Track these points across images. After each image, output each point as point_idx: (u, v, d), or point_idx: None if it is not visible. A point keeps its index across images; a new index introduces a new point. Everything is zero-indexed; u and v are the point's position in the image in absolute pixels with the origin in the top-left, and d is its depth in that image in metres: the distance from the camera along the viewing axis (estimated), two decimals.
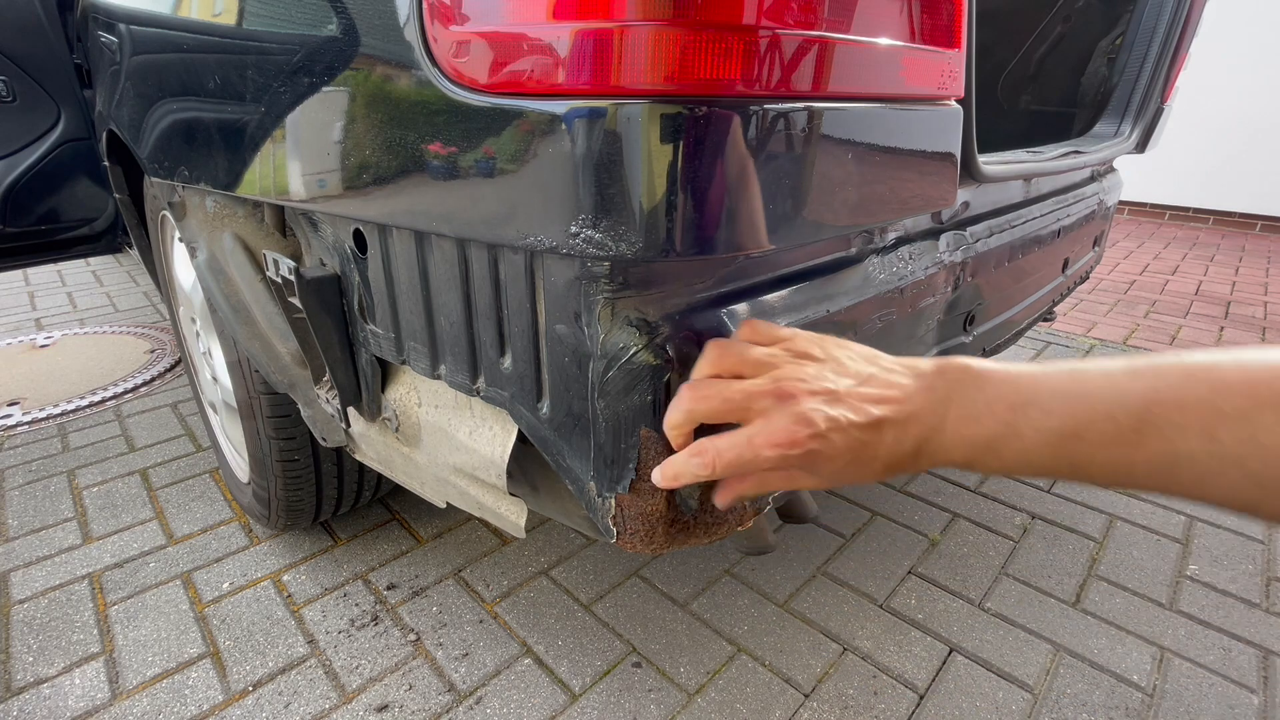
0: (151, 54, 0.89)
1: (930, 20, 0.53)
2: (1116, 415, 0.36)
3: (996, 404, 0.40)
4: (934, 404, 0.42)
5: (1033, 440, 0.39)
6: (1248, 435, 0.33)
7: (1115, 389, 0.37)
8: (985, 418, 0.41)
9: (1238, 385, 0.34)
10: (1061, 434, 0.38)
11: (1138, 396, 0.36)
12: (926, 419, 0.42)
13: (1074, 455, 0.38)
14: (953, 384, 0.42)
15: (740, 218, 0.44)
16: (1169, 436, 0.35)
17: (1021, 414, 0.39)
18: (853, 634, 1.09)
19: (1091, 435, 0.37)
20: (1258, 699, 0.99)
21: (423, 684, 0.99)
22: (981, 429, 0.41)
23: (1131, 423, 0.36)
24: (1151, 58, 1.32)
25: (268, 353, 0.88)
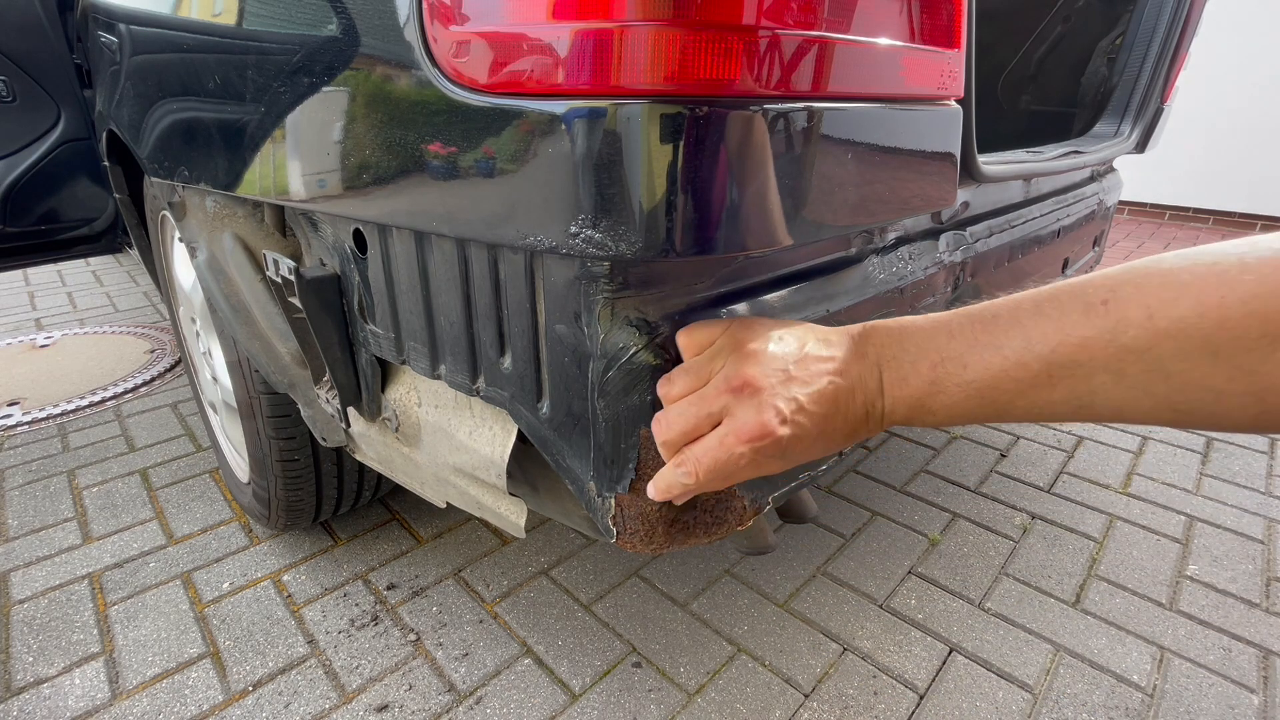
0: (151, 54, 0.89)
1: (930, 20, 0.53)
2: (1027, 362, 0.38)
3: (920, 363, 0.43)
4: (868, 369, 0.45)
5: (956, 394, 0.41)
6: (1153, 366, 0.34)
7: (1024, 335, 0.39)
8: (912, 378, 0.43)
9: (1135, 315, 0.35)
10: (980, 386, 0.40)
11: (1043, 340, 0.38)
12: (867, 384, 0.45)
13: (995, 402, 0.40)
14: (880, 348, 0.45)
15: (740, 218, 0.44)
16: (1079, 376, 0.37)
17: (942, 370, 0.41)
18: (853, 634, 1.09)
19: (1007, 384, 0.39)
20: (1258, 699, 0.99)
21: (423, 684, 0.99)
22: (910, 389, 0.43)
23: (1042, 367, 0.38)
24: (1151, 58, 1.32)
25: (268, 353, 0.88)
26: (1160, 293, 0.34)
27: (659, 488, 0.49)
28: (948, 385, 0.41)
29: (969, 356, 0.40)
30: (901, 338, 0.44)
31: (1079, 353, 0.36)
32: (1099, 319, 0.36)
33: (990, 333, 0.40)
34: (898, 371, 0.44)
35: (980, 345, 0.40)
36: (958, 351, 0.41)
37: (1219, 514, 1.42)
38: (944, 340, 0.42)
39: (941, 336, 0.42)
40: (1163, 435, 1.74)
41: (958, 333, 0.42)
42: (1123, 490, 1.50)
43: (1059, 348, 0.37)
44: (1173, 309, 0.33)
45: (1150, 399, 0.35)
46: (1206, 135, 4.42)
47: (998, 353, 0.39)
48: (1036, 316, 0.38)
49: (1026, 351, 0.38)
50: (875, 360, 0.45)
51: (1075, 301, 0.37)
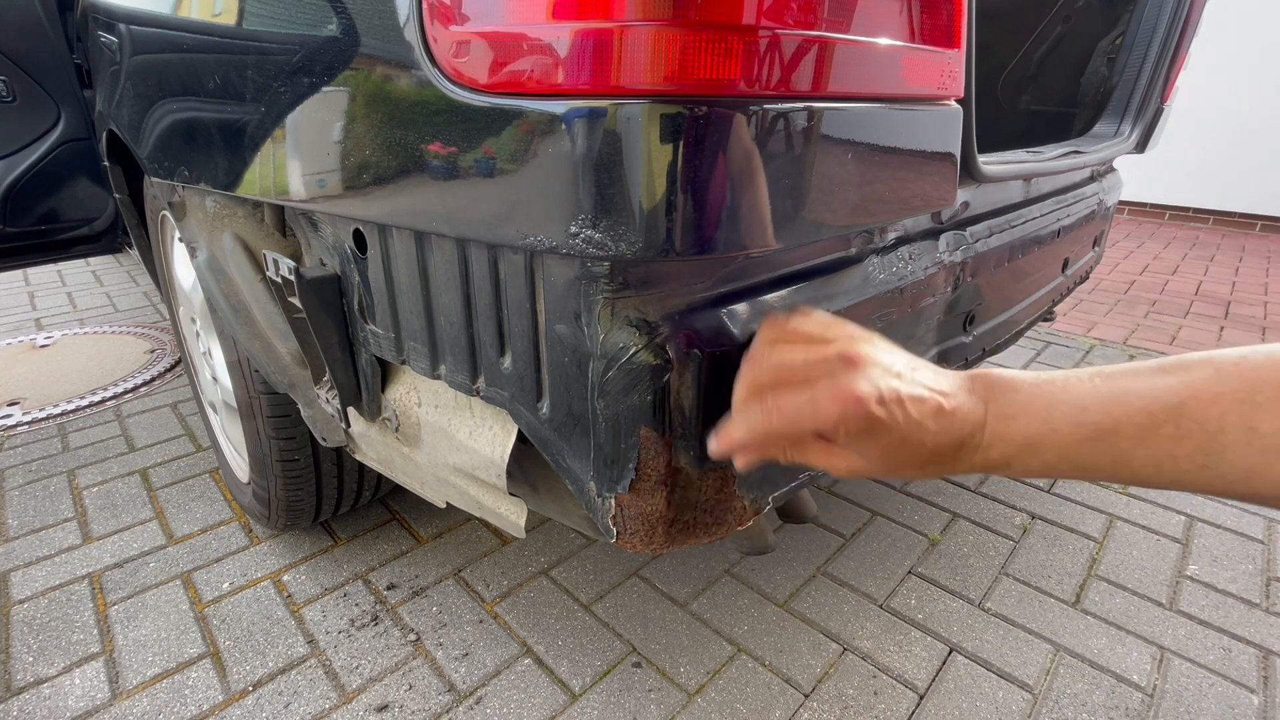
0: (151, 54, 0.89)
1: (930, 20, 0.53)
2: (1152, 409, 0.36)
3: (1034, 402, 0.41)
4: (975, 402, 0.42)
5: (1070, 436, 0.39)
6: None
7: (1148, 385, 0.37)
8: (1022, 416, 0.41)
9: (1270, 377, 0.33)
10: (1099, 429, 0.38)
11: (1170, 392, 0.36)
12: (969, 414, 0.42)
13: (1113, 450, 0.38)
14: (990, 387, 0.43)
15: (740, 218, 0.44)
16: (1208, 430, 0.35)
17: (1057, 410, 0.39)
18: (853, 634, 1.09)
19: (1129, 430, 0.37)
20: (1258, 699, 0.99)
21: (423, 684, 0.99)
22: (1020, 426, 0.41)
23: (1168, 416, 0.36)
24: (1151, 58, 1.32)
25: (268, 353, 0.88)
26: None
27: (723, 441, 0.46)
28: (1062, 426, 0.39)
29: (1087, 399, 0.39)
30: (1013, 382, 0.43)
31: (1210, 408, 0.35)
32: (1233, 378, 0.35)
33: (1111, 382, 0.39)
34: (1007, 409, 0.42)
35: (1100, 392, 0.38)
36: (1074, 395, 0.39)
37: (1219, 514, 1.42)
38: (1059, 385, 0.40)
39: (1057, 382, 0.41)
40: None
41: (1074, 382, 0.40)
42: (1123, 490, 1.50)
43: (1188, 400, 0.35)
44: None
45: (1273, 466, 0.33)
46: (1206, 135, 4.42)
47: (1120, 398, 0.38)
48: (1161, 374, 0.37)
49: (1152, 400, 0.36)
50: (983, 395, 0.43)
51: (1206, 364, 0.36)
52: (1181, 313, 2.76)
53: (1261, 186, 4.31)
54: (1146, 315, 2.72)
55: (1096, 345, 2.39)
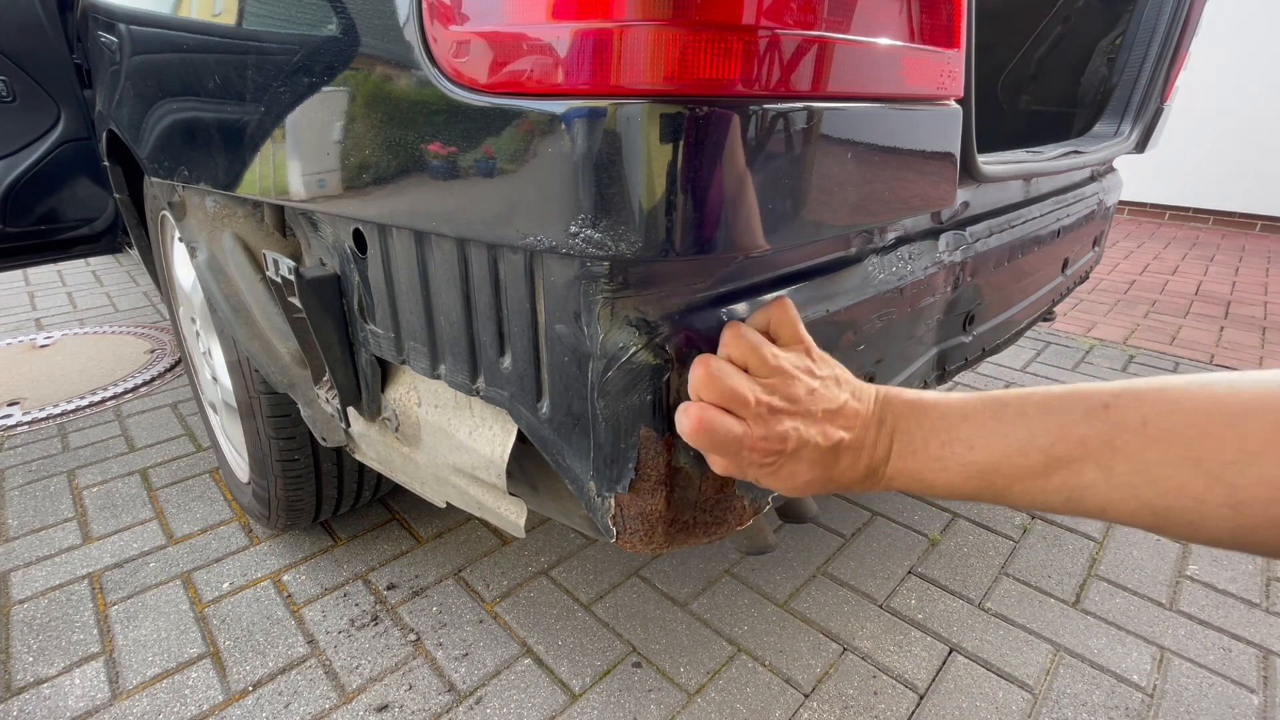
0: (151, 54, 0.89)
1: (930, 20, 0.53)
2: (1028, 452, 0.42)
3: (931, 440, 0.46)
4: (881, 436, 0.48)
5: (958, 474, 0.45)
6: (1140, 469, 0.38)
7: (1028, 428, 0.42)
8: (920, 453, 0.46)
9: (1131, 422, 0.38)
10: (982, 469, 0.44)
11: (1045, 435, 0.41)
12: (876, 450, 0.48)
13: (993, 486, 0.44)
14: (898, 418, 0.48)
15: (740, 218, 0.44)
16: (1073, 470, 0.40)
17: (949, 450, 0.45)
18: (853, 634, 1.09)
19: (1006, 470, 0.43)
20: (1258, 699, 0.99)
21: (423, 684, 0.99)
22: (916, 462, 0.47)
23: (1040, 459, 0.41)
24: (1151, 58, 1.32)
25: (268, 353, 0.88)
26: (1156, 404, 0.38)
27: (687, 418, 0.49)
28: (951, 464, 0.45)
29: (976, 439, 0.44)
30: (919, 413, 0.47)
31: (1076, 449, 0.40)
32: (1099, 421, 0.39)
33: (999, 420, 0.43)
34: (908, 444, 0.47)
35: (988, 431, 0.44)
36: (967, 434, 0.44)
37: None
38: (957, 421, 0.45)
39: (955, 417, 0.46)
40: None
41: (971, 416, 0.45)
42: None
43: (1058, 443, 0.40)
44: (1165, 420, 0.37)
45: (1135, 500, 0.38)
46: (1206, 135, 4.42)
47: (1003, 439, 0.43)
48: (1043, 412, 0.42)
49: (1029, 442, 0.42)
50: (890, 429, 0.48)
51: (1080, 404, 0.41)
52: (1181, 313, 2.76)
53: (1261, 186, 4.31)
54: (1146, 315, 2.72)
55: (1096, 345, 2.39)
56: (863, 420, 0.48)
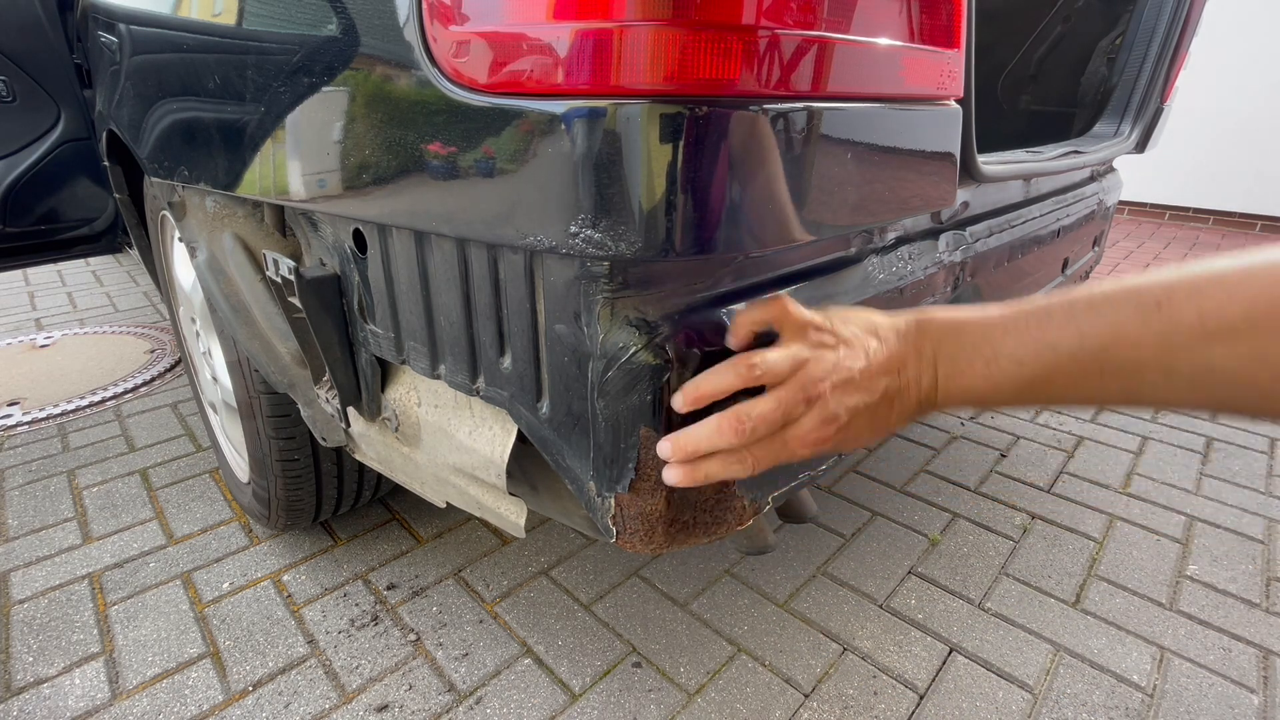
0: (151, 54, 0.89)
1: (930, 20, 0.53)
2: (1081, 359, 0.40)
3: (975, 361, 0.45)
4: (924, 367, 0.47)
5: (1009, 389, 0.44)
6: (1201, 364, 0.36)
7: (1078, 334, 0.40)
8: (966, 373, 0.45)
9: (1188, 319, 0.36)
10: (1034, 381, 0.42)
11: (1096, 338, 0.39)
12: (922, 381, 0.47)
13: (1049, 394, 0.43)
14: (938, 344, 0.47)
15: (739, 218, 0.44)
16: (1130, 373, 0.38)
17: (995, 367, 0.44)
18: (853, 634, 1.09)
19: (1060, 380, 0.41)
20: (1258, 699, 0.99)
21: (423, 684, 0.99)
22: (964, 383, 0.45)
23: (1094, 365, 0.40)
24: (1151, 58, 1.32)
25: (268, 353, 0.88)
26: (1213, 295, 0.35)
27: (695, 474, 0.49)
28: (1002, 381, 0.43)
29: (1023, 353, 0.42)
30: (958, 333, 0.46)
31: (1132, 351, 0.38)
32: (1154, 321, 0.37)
33: (1045, 329, 0.42)
34: (953, 367, 0.46)
35: (1035, 342, 0.42)
36: (1012, 349, 0.43)
37: (1219, 514, 1.42)
38: (999, 336, 0.44)
39: (997, 332, 0.44)
40: (1163, 435, 1.74)
41: (1012, 329, 0.43)
42: (1123, 490, 1.50)
43: (1112, 346, 0.39)
44: (1224, 313, 0.35)
45: (1197, 395, 0.37)
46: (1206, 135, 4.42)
47: (1052, 351, 0.41)
48: (1091, 315, 0.40)
49: (1080, 349, 0.40)
50: (931, 357, 0.47)
51: (1130, 303, 0.39)
52: None
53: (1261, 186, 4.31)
54: None
55: None
56: (900, 359, 0.47)
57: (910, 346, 0.48)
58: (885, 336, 0.49)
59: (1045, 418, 1.83)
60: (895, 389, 0.47)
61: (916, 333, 0.48)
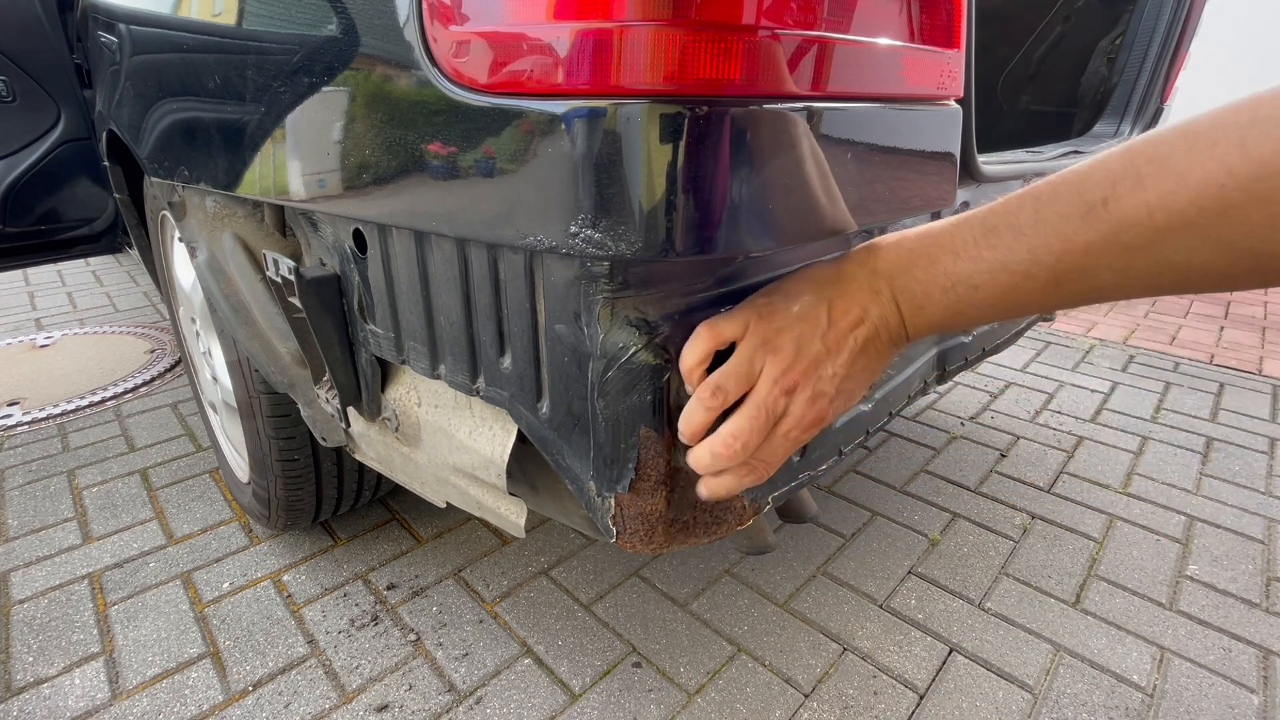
0: (151, 54, 0.89)
1: (930, 20, 0.53)
2: (1034, 273, 0.39)
3: (932, 290, 0.44)
4: (886, 307, 0.47)
5: (973, 312, 0.43)
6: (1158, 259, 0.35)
7: (1028, 246, 0.39)
8: (929, 306, 0.45)
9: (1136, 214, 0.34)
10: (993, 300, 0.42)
11: (1048, 250, 0.38)
12: (889, 321, 0.47)
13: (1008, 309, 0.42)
14: (891, 279, 0.46)
15: (740, 218, 0.44)
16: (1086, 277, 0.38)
17: (954, 294, 0.43)
18: (853, 634, 1.09)
19: (1017, 295, 0.41)
20: (1258, 699, 0.99)
21: (423, 684, 0.99)
22: (929, 315, 0.45)
23: (1049, 276, 0.39)
24: (1151, 58, 1.32)
25: (268, 353, 0.88)
26: (1159, 185, 0.33)
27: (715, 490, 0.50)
28: (963, 307, 0.43)
29: (978, 278, 0.42)
30: (909, 265, 0.45)
31: (1084, 259, 0.37)
32: (1100, 222, 0.36)
33: (993, 248, 0.41)
34: (914, 302, 0.46)
35: (986, 263, 0.41)
36: (965, 273, 0.42)
37: (1219, 514, 1.42)
38: (949, 262, 0.43)
39: (946, 258, 0.43)
40: (1163, 436, 1.74)
41: (962, 251, 0.42)
42: (1123, 490, 1.50)
43: (1064, 256, 0.38)
44: (1172, 203, 0.33)
45: (1157, 285, 0.36)
46: None
47: (1005, 269, 0.40)
48: (1038, 224, 0.39)
49: (1033, 264, 0.39)
50: (890, 295, 0.46)
51: (1075, 203, 0.37)
52: (1181, 313, 2.76)
53: None
54: (1146, 315, 2.72)
55: (1097, 345, 2.39)
56: (861, 308, 0.47)
57: (866, 289, 0.47)
58: (837, 292, 0.48)
59: (1045, 417, 1.83)
60: (865, 337, 0.47)
61: (869, 273, 0.47)
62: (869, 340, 0.47)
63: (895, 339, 0.47)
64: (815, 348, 0.46)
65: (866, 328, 0.47)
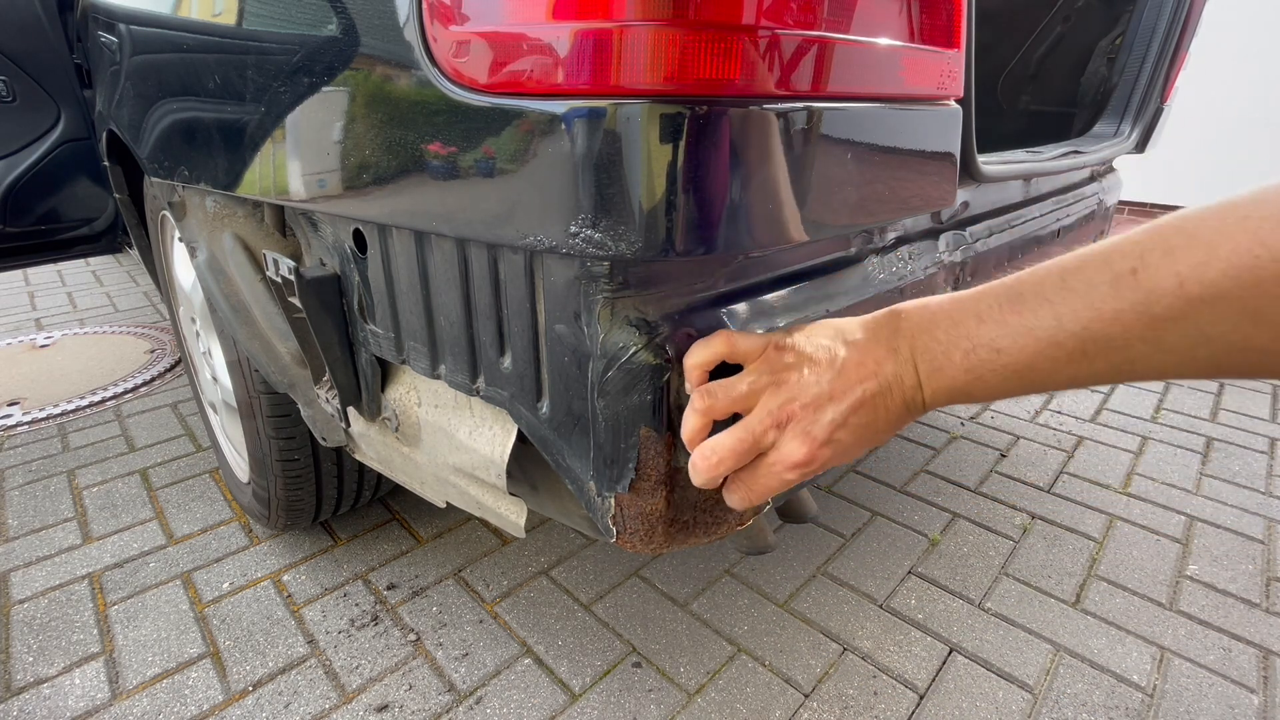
0: (151, 54, 0.89)
1: (930, 20, 0.53)
2: (1061, 340, 0.37)
3: (953, 352, 0.42)
4: (903, 366, 0.45)
5: (993, 380, 0.41)
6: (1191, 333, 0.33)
7: (1053, 313, 0.38)
8: (947, 368, 0.43)
9: (1166, 284, 0.33)
10: (1017, 367, 0.40)
11: (1074, 317, 0.37)
12: (904, 381, 0.45)
13: (1034, 380, 0.40)
14: (913, 339, 0.45)
15: (739, 218, 0.44)
16: (1116, 348, 0.36)
17: (976, 358, 0.41)
18: (853, 634, 1.09)
19: (1043, 365, 0.39)
20: (1258, 699, 0.99)
21: (423, 684, 0.99)
22: (947, 379, 0.43)
23: (1076, 344, 0.37)
24: (1151, 58, 1.32)
25: (268, 353, 0.88)
26: (1189, 256, 0.32)
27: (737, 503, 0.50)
28: (984, 372, 0.41)
29: (1001, 341, 0.40)
30: (931, 326, 0.44)
31: (1113, 327, 0.35)
32: (1129, 291, 0.34)
33: (1019, 314, 0.39)
34: (932, 363, 0.44)
35: (1010, 328, 0.40)
36: (989, 337, 0.41)
37: (1219, 514, 1.42)
38: (973, 325, 0.42)
39: (970, 321, 0.42)
40: (1163, 436, 1.74)
41: (986, 316, 0.41)
42: (1123, 490, 1.50)
43: (1091, 324, 0.36)
44: (1204, 273, 0.32)
45: (1194, 363, 0.34)
46: (1206, 135, 4.42)
47: (1029, 335, 0.39)
48: (1064, 292, 0.37)
49: (1059, 330, 0.37)
50: (909, 355, 0.45)
51: (1102, 273, 0.36)
52: None
53: None
54: None
55: None
56: (875, 361, 0.45)
57: (884, 346, 0.46)
58: (855, 341, 0.47)
59: (1045, 417, 1.83)
60: (874, 392, 0.45)
61: (890, 331, 0.46)
62: (877, 395, 0.45)
63: (910, 402, 0.45)
64: (818, 389, 0.45)
65: (877, 382, 0.45)
